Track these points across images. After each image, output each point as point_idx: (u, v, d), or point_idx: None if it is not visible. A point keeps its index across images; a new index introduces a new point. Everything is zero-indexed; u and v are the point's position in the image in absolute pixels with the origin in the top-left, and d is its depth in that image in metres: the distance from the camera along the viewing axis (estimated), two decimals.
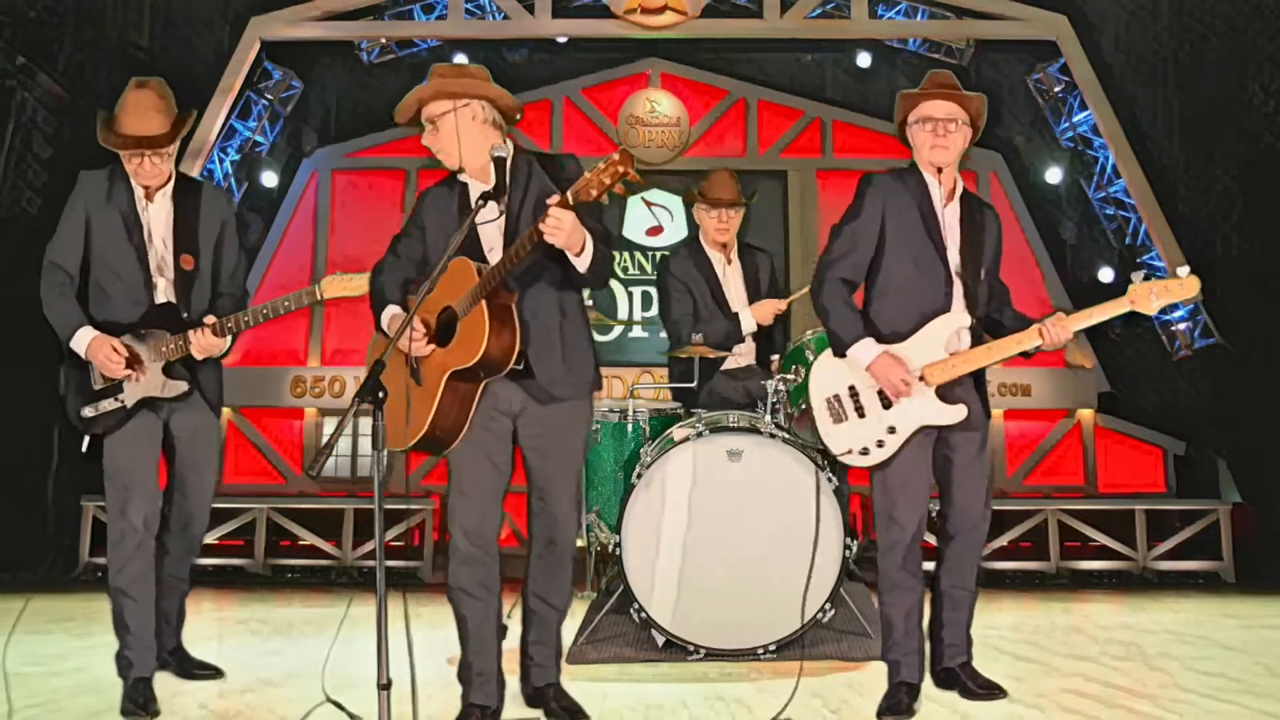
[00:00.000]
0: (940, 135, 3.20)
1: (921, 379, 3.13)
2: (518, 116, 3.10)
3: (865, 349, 3.14)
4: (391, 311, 3.00)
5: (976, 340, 3.24)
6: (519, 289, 2.93)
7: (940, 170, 3.23)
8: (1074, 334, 3.20)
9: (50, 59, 7.40)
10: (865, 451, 3.18)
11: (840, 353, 3.21)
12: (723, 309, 4.81)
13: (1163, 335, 8.20)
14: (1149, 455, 8.38)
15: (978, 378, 3.27)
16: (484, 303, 2.84)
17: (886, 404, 3.16)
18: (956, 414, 3.14)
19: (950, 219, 3.25)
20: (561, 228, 2.75)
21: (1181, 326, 8.08)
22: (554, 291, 3.01)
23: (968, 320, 3.19)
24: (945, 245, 3.21)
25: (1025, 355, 3.27)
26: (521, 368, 2.92)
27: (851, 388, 3.21)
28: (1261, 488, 7.36)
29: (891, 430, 3.15)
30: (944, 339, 3.17)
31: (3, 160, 7.07)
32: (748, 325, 4.76)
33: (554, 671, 3.17)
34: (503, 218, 2.99)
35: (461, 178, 3.06)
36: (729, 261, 4.90)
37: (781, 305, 4.82)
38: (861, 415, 3.20)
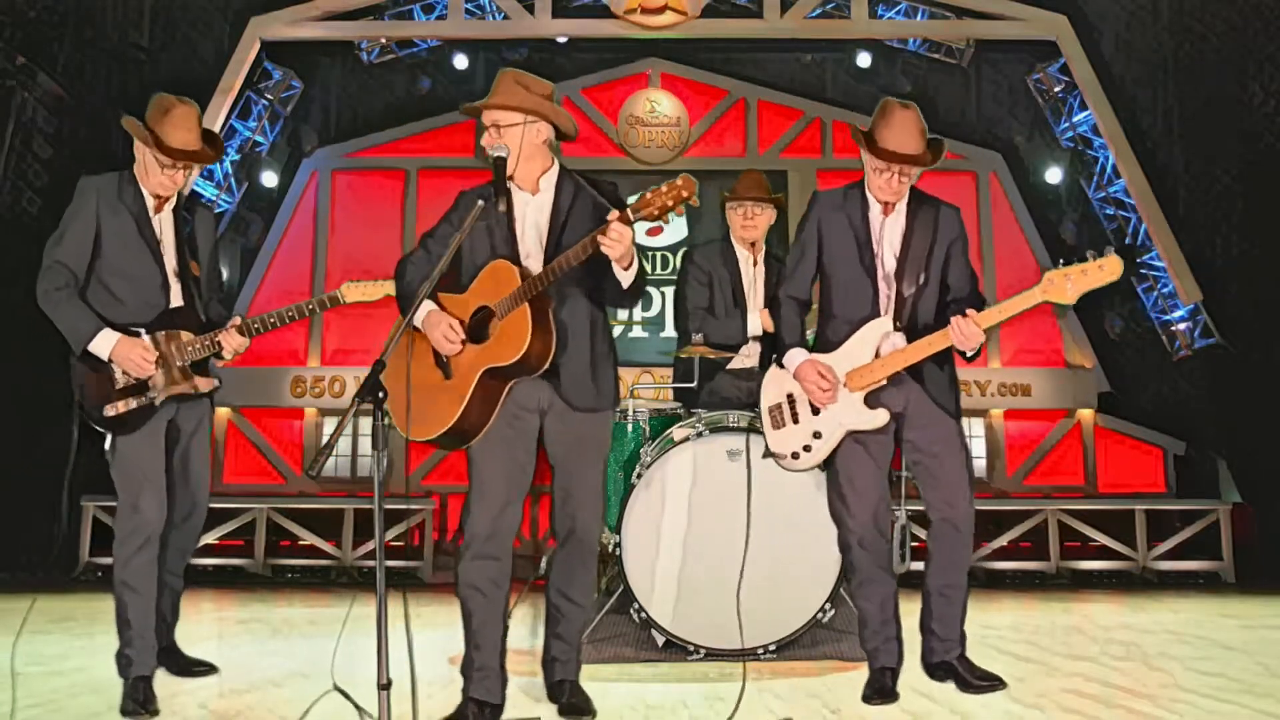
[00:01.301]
0: (894, 184, 3.26)
1: (845, 384, 3.23)
2: (572, 137, 3.22)
3: (793, 357, 3.31)
4: (428, 308, 3.04)
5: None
6: (556, 297, 3.01)
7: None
8: (985, 330, 3.11)
9: (50, 59, 7.41)
10: (795, 455, 3.35)
11: (780, 363, 3.36)
12: (740, 306, 4.82)
13: (1163, 335, 8.21)
14: (1149, 455, 8.38)
15: (936, 378, 3.27)
16: (527, 305, 2.91)
17: (815, 411, 3.29)
18: (878, 419, 3.23)
19: (890, 229, 3.30)
20: (621, 242, 2.89)
21: (1181, 326, 8.09)
22: (587, 305, 3.11)
23: (888, 325, 3.24)
24: (878, 256, 3.28)
25: (965, 357, 3.20)
26: (549, 370, 2.99)
27: (790, 396, 3.37)
28: (1261, 488, 7.37)
29: (817, 435, 3.29)
30: (873, 345, 3.24)
31: (3, 160, 7.07)
32: (754, 327, 4.77)
33: (573, 668, 3.19)
34: (546, 227, 3.08)
35: (509, 184, 3.11)
36: (756, 263, 4.92)
37: None
38: (796, 421, 3.35)
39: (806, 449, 3.32)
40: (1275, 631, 4.77)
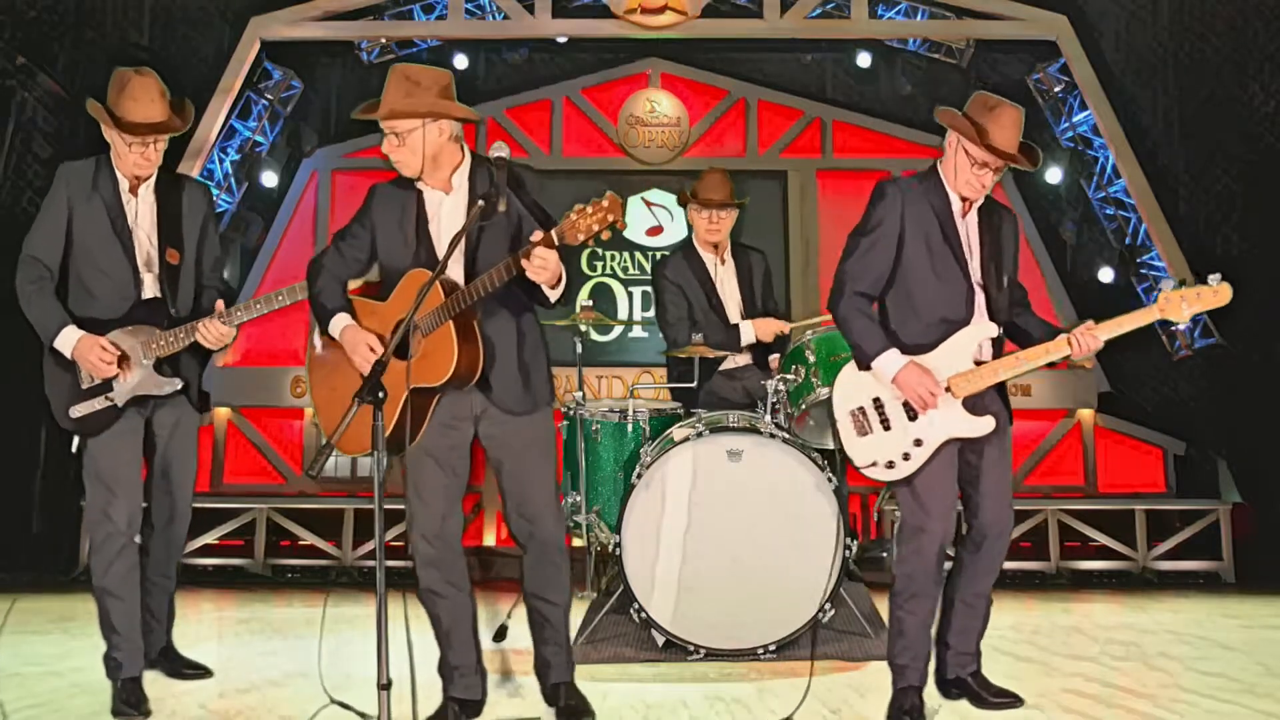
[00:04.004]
0: (985, 178, 3.10)
1: (948, 390, 3.06)
2: (476, 121, 3.14)
3: (891, 360, 3.06)
4: (344, 321, 2.99)
5: (998, 350, 3.17)
6: (480, 309, 2.94)
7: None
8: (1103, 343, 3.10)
9: (50, 59, 7.40)
10: (891, 465, 3.10)
11: (864, 365, 3.12)
12: (718, 312, 4.81)
13: (1163, 335, 8.20)
14: (1149, 455, 8.37)
15: (1004, 387, 3.20)
16: (452, 323, 2.86)
17: (912, 416, 3.09)
18: (985, 425, 3.07)
19: (970, 228, 3.18)
20: (547, 266, 2.78)
21: (1181, 326, 8.06)
22: (513, 314, 3.04)
23: (994, 330, 3.12)
24: (966, 255, 3.13)
25: (1051, 364, 3.20)
26: (479, 381, 2.96)
27: (876, 400, 3.14)
28: (1261, 488, 7.36)
29: (918, 443, 3.08)
30: (970, 350, 3.10)
31: (3, 160, 7.07)
32: (747, 337, 4.75)
33: (566, 670, 3.16)
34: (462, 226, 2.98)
35: (419, 184, 3.05)
36: (722, 262, 4.90)
37: (785, 328, 4.79)
38: (887, 428, 3.11)
39: (906, 457, 3.08)
40: (1275, 631, 4.77)
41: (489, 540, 7.71)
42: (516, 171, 3.01)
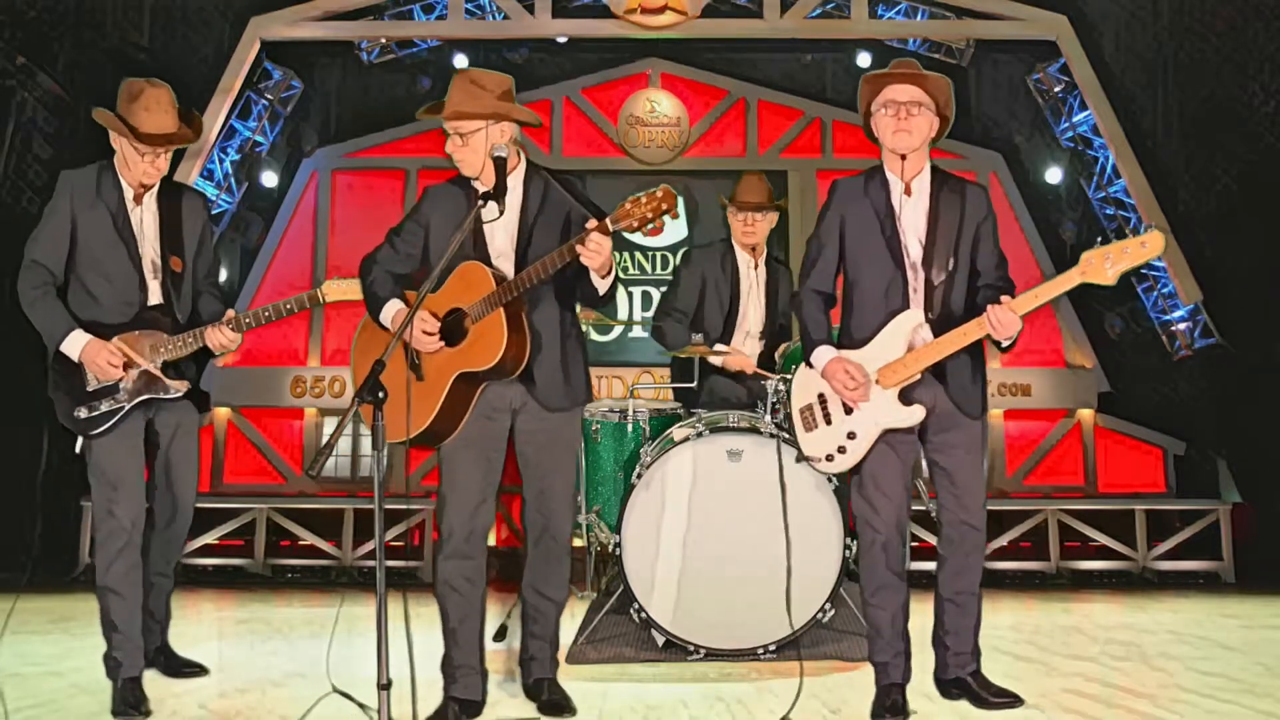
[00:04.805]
0: (903, 119, 3.12)
1: (877, 382, 3.08)
2: (537, 125, 3.24)
3: (822, 355, 3.14)
4: (396, 306, 3.05)
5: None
6: (528, 300, 3.00)
7: (904, 158, 3.15)
8: (1022, 316, 2.96)
9: (50, 59, 7.40)
10: (830, 458, 3.17)
11: (809, 361, 3.21)
12: (732, 311, 4.80)
13: (1163, 335, 8.21)
14: (1149, 455, 8.38)
15: (959, 377, 3.13)
16: (502, 310, 2.90)
17: (848, 410, 3.14)
18: (914, 416, 3.08)
19: (912, 212, 3.15)
20: (601, 252, 2.85)
21: (1181, 326, 8.08)
22: (558, 307, 3.10)
23: (918, 317, 3.09)
24: (904, 242, 3.12)
25: (1000, 348, 3.07)
26: (524, 373, 3.00)
27: (821, 395, 3.21)
28: (1261, 488, 7.36)
29: (851, 436, 3.12)
30: (900, 339, 3.09)
31: (3, 160, 7.07)
32: (716, 359, 4.69)
33: (550, 665, 3.22)
34: (515, 226, 3.05)
35: (475, 184, 3.10)
36: (756, 266, 4.91)
37: (750, 369, 4.64)
38: (829, 422, 3.19)
39: (841, 450, 3.14)
40: (1275, 631, 4.77)
41: (489, 540, 7.71)
42: (566, 177, 3.13)
